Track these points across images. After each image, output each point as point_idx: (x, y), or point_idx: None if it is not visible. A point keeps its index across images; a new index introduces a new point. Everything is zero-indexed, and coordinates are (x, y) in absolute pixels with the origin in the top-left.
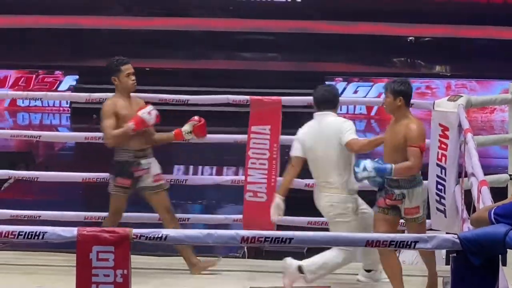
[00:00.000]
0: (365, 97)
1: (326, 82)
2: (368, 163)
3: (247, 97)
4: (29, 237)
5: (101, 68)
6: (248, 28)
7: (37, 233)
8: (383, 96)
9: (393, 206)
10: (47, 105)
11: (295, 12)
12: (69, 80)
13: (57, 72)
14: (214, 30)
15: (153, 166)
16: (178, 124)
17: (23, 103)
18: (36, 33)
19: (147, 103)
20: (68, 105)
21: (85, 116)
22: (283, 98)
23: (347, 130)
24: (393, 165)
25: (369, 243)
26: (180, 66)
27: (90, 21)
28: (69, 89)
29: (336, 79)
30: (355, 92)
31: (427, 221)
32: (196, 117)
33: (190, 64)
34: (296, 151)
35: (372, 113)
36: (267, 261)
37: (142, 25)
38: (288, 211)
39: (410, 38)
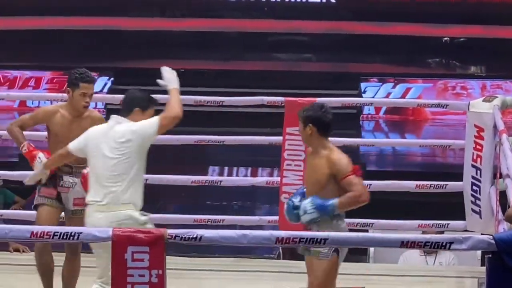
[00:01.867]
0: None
1: (362, 83)
2: (307, 205)
3: (282, 98)
4: (65, 237)
5: (136, 69)
6: (282, 29)
7: (72, 234)
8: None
9: None
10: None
11: (329, 12)
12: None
13: (46, 72)
14: (249, 31)
15: (78, 187)
16: (212, 126)
17: (32, 104)
18: (71, 34)
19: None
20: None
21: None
22: (318, 99)
23: None
24: (336, 200)
25: (404, 244)
26: (215, 67)
27: (125, 22)
28: (101, 91)
29: (371, 79)
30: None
31: (462, 222)
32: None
33: (224, 65)
34: None
35: (370, 113)
36: (302, 262)
37: (177, 26)
38: None
39: (445, 38)
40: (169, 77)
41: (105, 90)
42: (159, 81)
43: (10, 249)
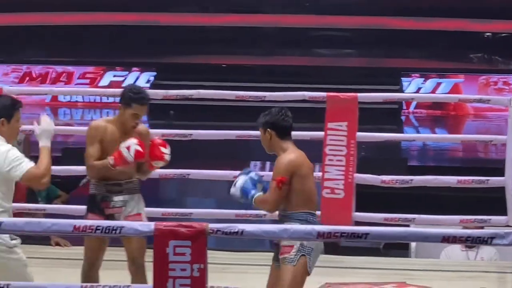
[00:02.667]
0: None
1: (402, 79)
2: (240, 180)
3: (324, 93)
4: (107, 231)
5: (179, 64)
6: (323, 24)
7: (115, 228)
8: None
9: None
10: (88, 100)
11: (370, 8)
12: (110, 76)
13: (90, 67)
14: (290, 27)
15: (130, 204)
16: (253, 121)
17: (64, 98)
18: (113, 29)
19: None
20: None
21: (162, 113)
22: (359, 94)
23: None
24: (259, 193)
25: (446, 239)
26: (257, 62)
27: (168, 18)
28: (109, 85)
29: (413, 75)
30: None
31: (503, 217)
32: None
33: (266, 60)
34: None
35: (411, 108)
36: (344, 257)
37: (219, 22)
38: (364, 208)
39: (488, 34)
40: (43, 130)
41: (148, 85)
42: (34, 128)
43: (51, 243)
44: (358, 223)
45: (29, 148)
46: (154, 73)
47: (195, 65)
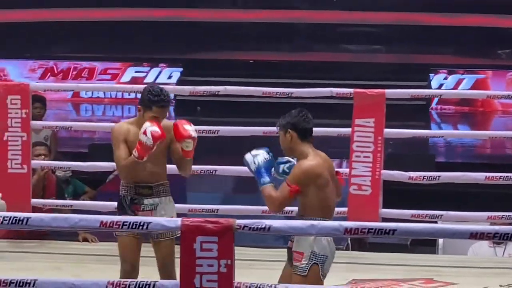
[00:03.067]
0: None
1: (431, 75)
2: (260, 156)
3: (351, 90)
4: (134, 227)
5: (206, 60)
6: (351, 20)
7: (141, 224)
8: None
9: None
10: (109, 96)
11: (399, 4)
12: (131, 72)
13: (117, 63)
14: (318, 22)
15: (160, 208)
16: (278, 116)
17: (85, 94)
18: (141, 25)
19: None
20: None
21: (189, 109)
22: (387, 90)
23: None
24: (271, 184)
25: (473, 235)
26: (284, 58)
27: (195, 13)
28: (130, 81)
29: (441, 71)
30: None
31: None
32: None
33: (293, 56)
34: None
35: (438, 105)
36: (371, 253)
37: (246, 17)
38: (392, 204)
39: None
40: None
41: (169, 80)
42: None
43: (79, 238)
44: (385, 220)
45: (56, 143)
46: (181, 69)
47: (222, 61)
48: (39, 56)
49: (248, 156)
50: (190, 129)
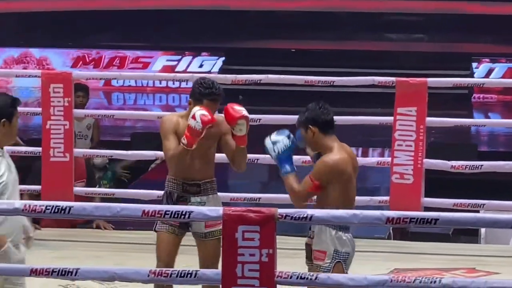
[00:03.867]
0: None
1: (473, 63)
2: (280, 143)
3: (393, 78)
4: (176, 216)
5: (248, 49)
6: (394, 9)
7: (184, 213)
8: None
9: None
10: (140, 85)
11: None
12: (162, 61)
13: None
14: (360, 11)
15: (208, 206)
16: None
17: (117, 83)
18: (183, 14)
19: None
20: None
21: (231, 98)
22: (429, 79)
23: None
24: (293, 173)
25: None
26: (326, 47)
27: (236, 2)
28: (161, 70)
29: (483, 60)
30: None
31: None
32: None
33: (335, 45)
34: None
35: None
36: (413, 242)
37: (288, 6)
38: (434, 193)
39: None
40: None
41: (200, 69)
42: None
43: (93, 225)
44: (427, 209)
45: (99, 132)
46: (223, 58)
47: (264, 50)
48: (81, 45)
49: (267, 143)
50: (241, 109)
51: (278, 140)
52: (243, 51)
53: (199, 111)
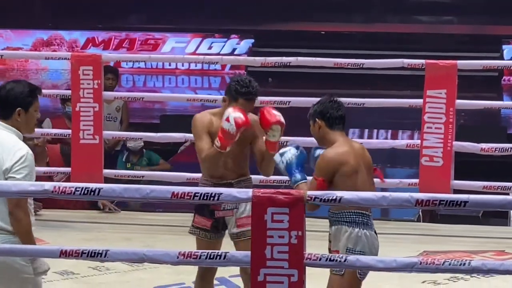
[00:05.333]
0: None
1: (504, 46)
2: (288, 154)
3: (423, 61)
4: (205, 198)
5: (277, 31)
6: None
7: (213, 195)
8: None
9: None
10: (150, 66)
11: None
12: (172, 42)
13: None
14: None
15: (242, 205)
16: (352, 88)
17: (126, 65)
18: None
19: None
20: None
21: (261, 80)
22: (459, 62)
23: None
24: (303, 181)
25: None
26: (356, 29)
27: None
28: (171, 51)
29: None
30: None
31: None
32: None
33: (365, 27)
34: None
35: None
36: (442, 225)
37: None
38: (463, 176)
39: None
40: None
41: (210, 51)
42: None
43: (99, 205)
44: (456, 191)
45: (128, 114)
46: (252, 40)
47: (294, 32)
48: (110, 27)
49: (276, 157)
50: (277, 114)
51: (285, 151)
52: (272, 33)
53: (233, 113)
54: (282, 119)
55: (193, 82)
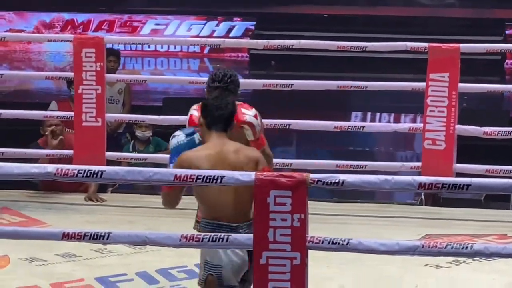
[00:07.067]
0: None
1: (506, 30)
2: (176, 138)
3: (425, 44)
4: (207, 181)
5: (279, 14)
6: None
7: (215, 177)
8: None
9: None
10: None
11: None
12: (151, 24)
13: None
14: None
15: None
16: (354, 71)
17: (130, 47)
18: None
19: None
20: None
21: (263, 63)
22: (461, 45)
23: None
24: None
25: None
26: (358, 12)
27: None
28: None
29: None
30: None
31: None
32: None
33: (368, 10)
34: None
35: None
36: (444, 208)
37: None
38: (466, 159)
39: None
40: None
41: (189, 33)
42: None
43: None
44: (459, 175)
45: (130, 96)
46: (254, 23)
47: (296, 15)
48: (114, 10)
49: (171, 139)
50: (247, 113)
51: (176, 135)
52: (275, 15)
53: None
54: (252, 119)
55: (195, 65)
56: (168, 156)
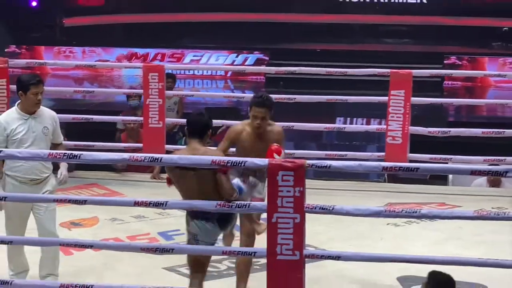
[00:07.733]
0: None
1: (445, 61)
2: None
3: (388, 70)
4: (235, 164)
5: (286, 49)
6: (389, 21)
7: (240, 162)
8: None
9: None
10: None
11: (424, 10)
12: (190, 56)
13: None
14: (365, 23)
15: (261, 187)
16: (339, 89)
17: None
18: (241, 24)
19: None
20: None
21: (275, 83)
22: (413, 71)
23: None
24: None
25: (473, 172)
26: (342, 48)
27: (278, 16)
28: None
29: (452, 58)
30: None
31: None
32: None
33: (349, 47)
34: None
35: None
36: (401, 185)
37: (316, 19)
38: (416, 150)
39: (505, 28)
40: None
41: (208, 60)
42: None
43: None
44: (411, 161)
45: (182, 106)
46: (262, 55)
47: (298, 50)
48: (170, 46)
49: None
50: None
51: (239, 187)
52: (283, 50)
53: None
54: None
55: (221, 85)
56: None
